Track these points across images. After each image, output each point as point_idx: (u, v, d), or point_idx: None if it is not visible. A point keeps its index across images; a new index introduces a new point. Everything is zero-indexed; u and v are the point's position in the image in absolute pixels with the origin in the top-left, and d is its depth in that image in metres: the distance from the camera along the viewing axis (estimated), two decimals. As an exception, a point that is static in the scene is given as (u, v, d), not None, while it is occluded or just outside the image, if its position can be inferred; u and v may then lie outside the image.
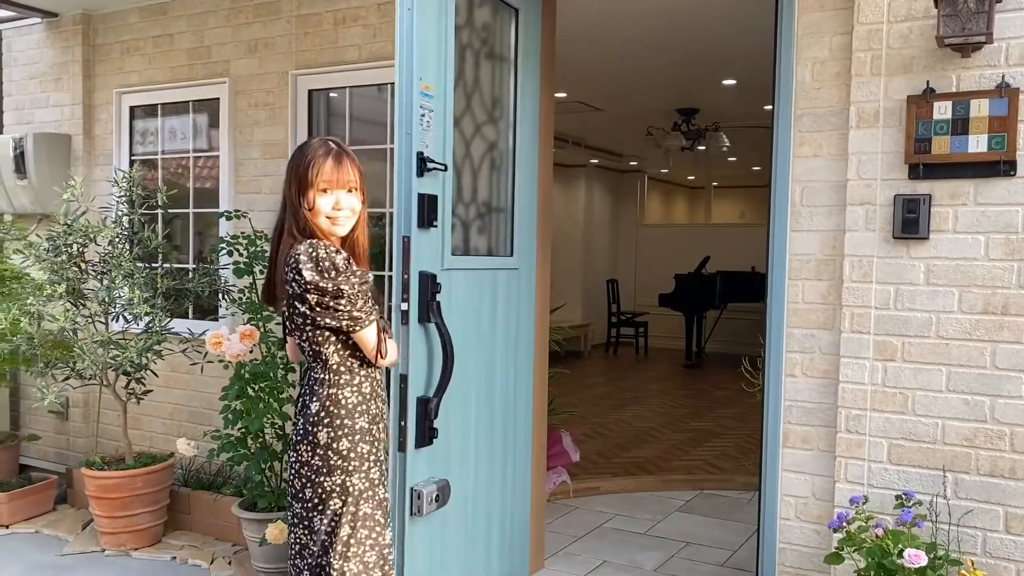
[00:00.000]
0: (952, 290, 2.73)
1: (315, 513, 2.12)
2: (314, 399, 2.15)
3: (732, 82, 6.35)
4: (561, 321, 11.07)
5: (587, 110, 7.64)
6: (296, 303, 2.07)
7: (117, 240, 3.64)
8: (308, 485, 2.12)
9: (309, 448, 2.13)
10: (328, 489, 2.11)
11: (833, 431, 2.93)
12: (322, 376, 2.16)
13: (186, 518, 4.15)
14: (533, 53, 3.37)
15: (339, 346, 2.14)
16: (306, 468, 2.14)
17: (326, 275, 2.02)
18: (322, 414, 2.14)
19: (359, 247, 2.29)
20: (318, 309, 2.04)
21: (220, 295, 3.86)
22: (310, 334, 2.11)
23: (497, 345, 3.21)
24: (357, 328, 2.08)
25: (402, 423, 2.65)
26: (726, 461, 5.59)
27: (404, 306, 2.64)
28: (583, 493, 4.78)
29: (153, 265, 3.98)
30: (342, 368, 2.16)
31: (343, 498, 2.12)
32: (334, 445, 2.13)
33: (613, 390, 8.45)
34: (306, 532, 2.14)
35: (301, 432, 2.17)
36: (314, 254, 2.05)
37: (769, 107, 3.08)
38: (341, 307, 2.04)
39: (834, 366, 2.93)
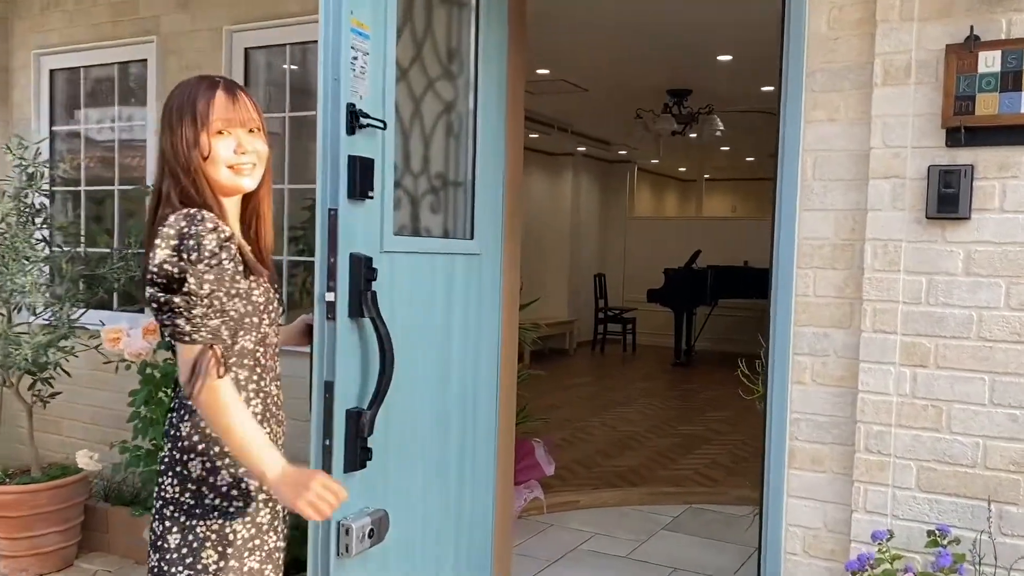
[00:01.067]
0: (998, 281, 2.24)
1: (180, 568, 1.61)
2: (186, 418, 1.65)
3: (728, 58, 5.86)
4: (545, 317, 10.60)
5: (572, 90, 7.14)
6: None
7: (12, 217, 3.12)
8: (174, 530, 1.62)
9: (178, 482, 1.63)
10: (201, 536, 1.61)
11: (850, 450, 2.45)
12: None
13: (104, 538, 3.64)
14: (499, -1, 2.87)
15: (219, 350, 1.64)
16: (172, 508, 1.64)
17: (181, 256, 1.51)
18: (196, 439, 1.64)
19: (262, 213, 1.82)
20: (151, 303, 1.53)
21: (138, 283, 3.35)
22: None
23: (453, 344, 2.71)
24: (178, 340, 1.54)
25: (327, 442, 2.14)
26: (718, 471, 5.11)
27: (330, 296, 2.13)
28: (559, 508, 4.30)
29: (63, 248, 3.46)
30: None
31: (220, 549, 1.61)
32: (210, 479, 1.63)
33: (598, 390, 7.97)
34: None
35: (168, 461, 1.67)
36: (185, 229, 1.55)
37: (768, 88, 2.69)
38: (174, 305, 1.51)
39: (852, 372, 2.45)
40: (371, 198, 2.22)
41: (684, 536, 4.00)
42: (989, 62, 2.21)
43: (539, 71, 6.46)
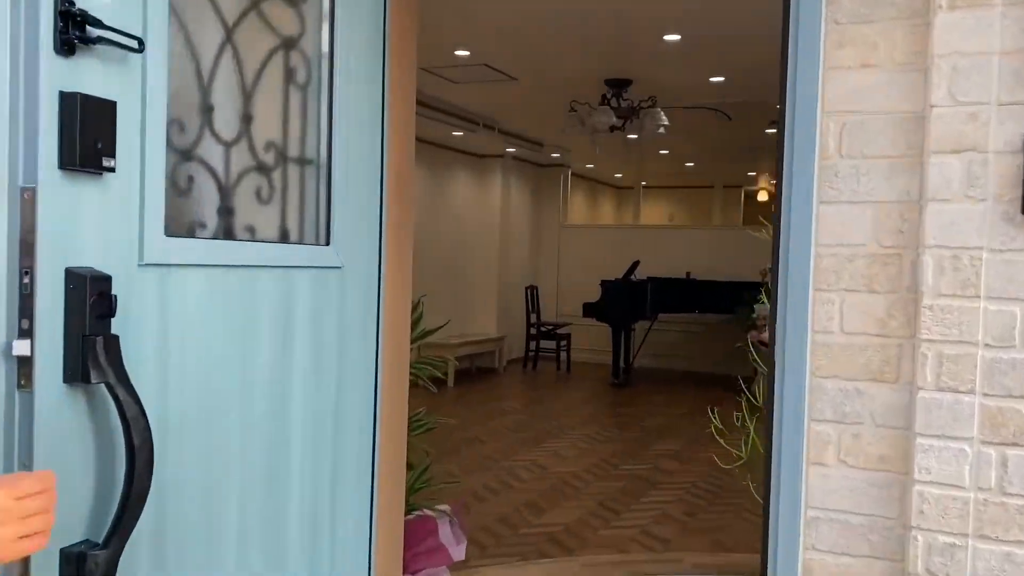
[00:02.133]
0: None
1: None
2: None
3: (675, 38, 5.06)
4: (472, 334, 9.69)
5: (498, 79, 6.27)
6: None
7: None
8: None
9: None
10: None
11: (898, 569, 1.60)
12: None
13: None
14: None
15: None
16: None
17: None
18: None
19: None
20: None
21: None
22: None
23: (293, 403, 1.77)
24: None
25: (16, 607, 1.19)
26: (669, 527, 4.26)
27: (22, 348, 1.18)
28: (475, 590, 3.37)
29: None
30: None
31: None
32: None
33: (528, 418, 7.07)
34: None
35: None
36: None
37: (717, 78, 1.93)
38: None
39: (901, 450, 1.61)
40: (111, 171, 1.27)
41: (633, 627, 3.13)
42: None
43: (458, 52, 5.56)
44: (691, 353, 10.61)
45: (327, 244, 1.88)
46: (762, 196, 14.42)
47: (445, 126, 7.72)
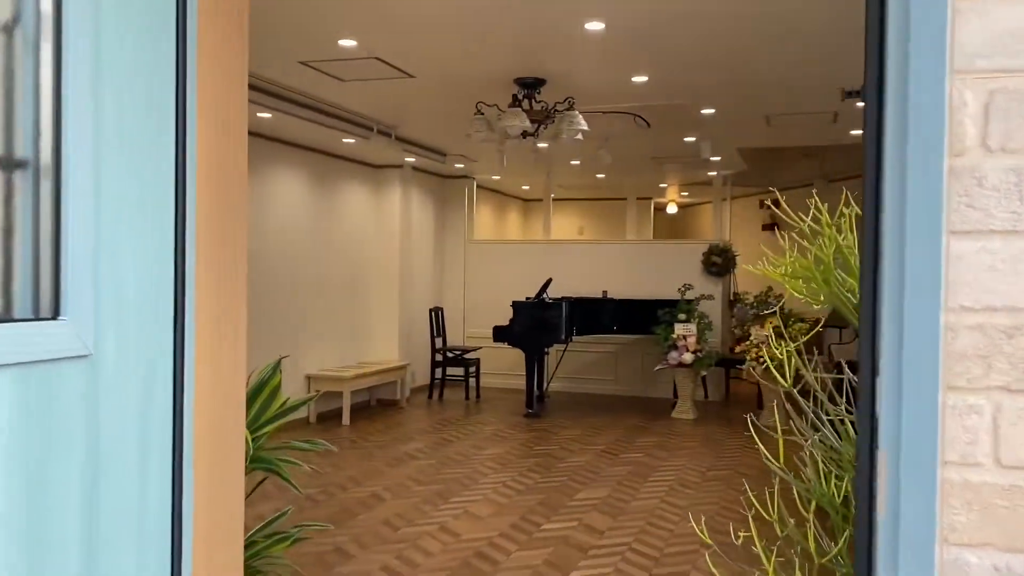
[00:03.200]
0: None
1: None
2: None
3: (599, 26, 4.36)
4: (372, 363, 8.78)
5: (393, 75, 5.43)
6: None
7: None
8: None
9: None
10: None
11: None
12: None
13: None
14: None
15: None
16: None
17: None
18: None
19: None
20: None
21: None
22: None
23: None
24: None
25: None
26: (609, 612, 3.50)
27: None
28: None
29: None
30: None
31: None
32: None
33: (435, 464, 6.23)
34: None
35: None
36: None
37: (641, 77, 1.34)
38: None
39: None
40: None
41: None
42: None
43: (343, 42, 4.71)
44: (607, 375, 10.01)
45: (54, 317, 1.03)
46: (671, 209, 14.04)
47: (333, 132, 6.82)
